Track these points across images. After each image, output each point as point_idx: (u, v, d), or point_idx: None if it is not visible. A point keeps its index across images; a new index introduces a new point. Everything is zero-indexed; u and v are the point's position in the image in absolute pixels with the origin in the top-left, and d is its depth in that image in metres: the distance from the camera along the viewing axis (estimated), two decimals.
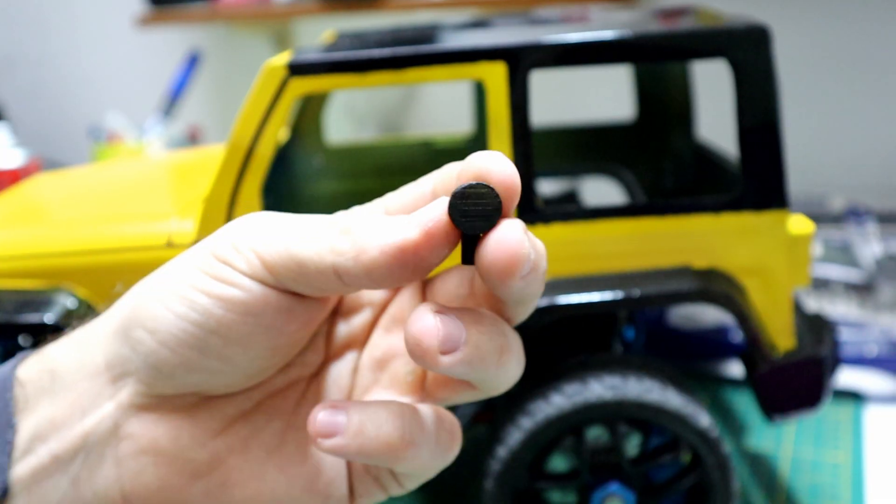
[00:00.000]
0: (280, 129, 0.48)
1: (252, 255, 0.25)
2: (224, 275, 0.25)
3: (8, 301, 0.49)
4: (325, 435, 0.24)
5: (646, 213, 0.47)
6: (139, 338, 0.25)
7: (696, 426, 0.47)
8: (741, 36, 0.46)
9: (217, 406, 0.27)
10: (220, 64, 1.51)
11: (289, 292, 0.25)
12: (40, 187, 0.65)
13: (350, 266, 0.24)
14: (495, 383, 0.26)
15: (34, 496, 0.26)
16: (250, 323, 0.25)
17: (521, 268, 0.22)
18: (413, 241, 0.23)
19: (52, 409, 0.26)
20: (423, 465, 0.26)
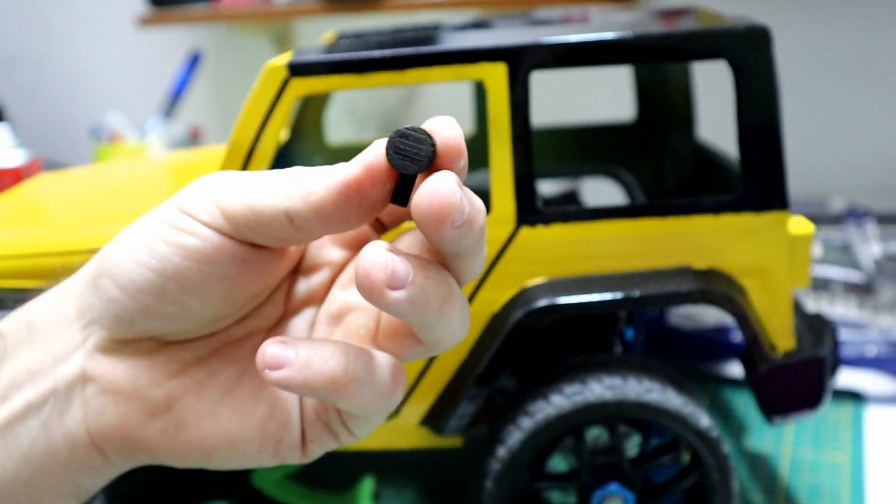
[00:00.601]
0: (281, 129, 0.48)
1: (213, 205, 0.26)
2: (184, 224, 0.26)
3: (9, 300, 0.49)
4: (272, 367, 0.25)
5: (646, 214, 0.47)
6: (103, 285, 0.27)
7: (695, 426, 0.47)
8: (741, 36, 0.46)
9: (174, 351, 0.29)
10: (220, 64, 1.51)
11: (246, 243, 0.27)
12: (41, 187, 0.65)
13: (300, 208, 0.25)
14: (438, 333, 0.27)
15: (7, 440, 0.28)
16: (206, 271, 0.26)
17: (452, 217, 0.23)
18: (355, 175, 0.25)
19: (28, 359, 0.29)
20: (366, 404, 0.27)
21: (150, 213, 0.28)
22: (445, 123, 0.25)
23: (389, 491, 0.60)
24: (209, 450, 0.28)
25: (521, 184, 0.47)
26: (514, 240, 0.48)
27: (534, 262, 0.48)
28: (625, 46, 0.46)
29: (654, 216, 0.47)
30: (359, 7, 1.13)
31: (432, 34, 0.55)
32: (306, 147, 0.71)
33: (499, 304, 0.49)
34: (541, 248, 0.48)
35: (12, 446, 0.28)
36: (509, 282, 0.48)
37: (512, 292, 0.48)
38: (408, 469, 0.63)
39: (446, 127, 0.25)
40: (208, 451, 0.28)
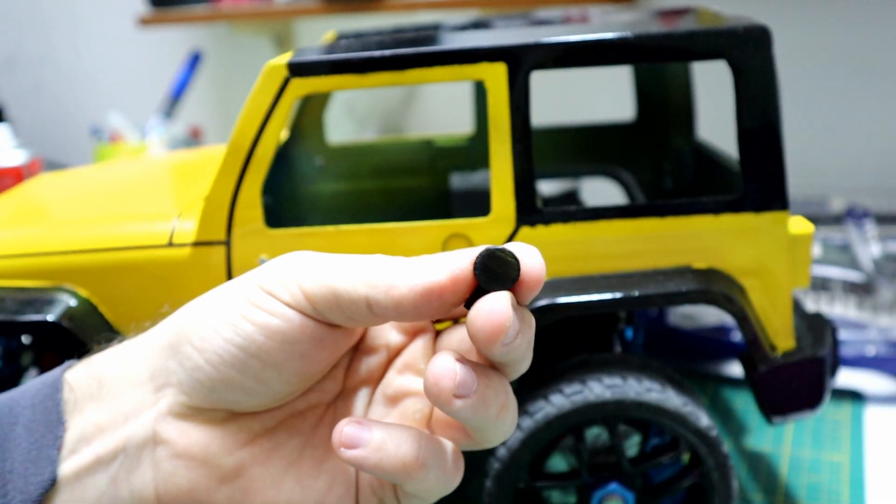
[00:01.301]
0: (281, 129, 0.48)
1: (295, 286, 0.28)
2: (268, 305, 0.28)
3: (10, 300, 0.49)
4: (348, 445, 0.27)
5: (646, 214, 0.47)
6: (187, 353, 0.28)
7: (695, 426, 0.47)
8: (741, 37, 0.46)
9: (245, 421, 0.30)
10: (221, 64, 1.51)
11: (323, 323, 0.28)
12: (42, 187, 0.65)
13: (381, 298, 0.27)
14: (490, 435, 0.29)
15: (76, 493, 0.29)
16: (287, 350, 0.28)
17: (504, 336, 0.25)
18: (440, 283, 0.26)
19: (97, 414, 0.30)
20: (429, 488, 0.28)
21: (229, 286, 0.29)
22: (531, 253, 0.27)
23: None
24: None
25: (520, 184, 0.47)
26: (514, 240, 0.48)
27: None
28: (625, 46, 0.46)
29: (654, 216, 0.47)
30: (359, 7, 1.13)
31: (432, 34, 0.55)
32: (306, 147, 0.71)
33: None
34: (541, 248, 0.47)
35: (79, 499, 0.29)
36: None
37: None
38: None
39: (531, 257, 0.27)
40: None
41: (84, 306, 0.50)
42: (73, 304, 0.49)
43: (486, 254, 0.26)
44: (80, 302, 0.50)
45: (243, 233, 0.49)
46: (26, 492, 0.29)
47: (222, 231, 0.49)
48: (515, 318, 0.26)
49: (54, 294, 0.50)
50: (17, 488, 0.29)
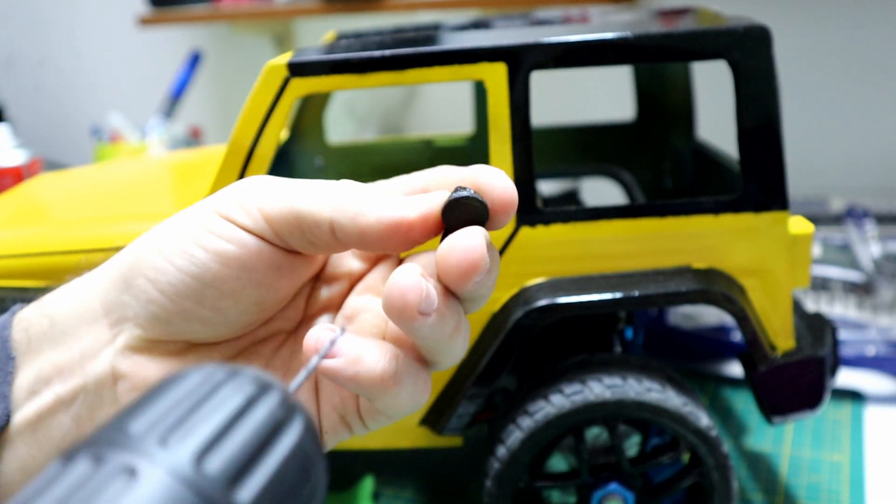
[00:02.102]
0: (281, 129, 0.48)
1: (255, 209, 0.27)
2: (224, 231, 0.27)
3: (10, 300, 0.49)
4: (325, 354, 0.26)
5: (646, 214, 0.47)
6: (141, 286, 0.27)
7: (695, 426, 0.47)
8: (741, 36, 0.46)
9: (203, 351, 0.29)
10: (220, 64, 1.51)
11: (282, 249, 0.28)
12: (42, 187, 0.65)
13: (346, 224, 0.26)
14: (442, 357, 0.28)
15: (39, 433, 0.29)
16: (244, 278, 0.27)
17: (477, 275, 0.25)
18: (409, 219, 0.26)
19: (54, 354, 0.29)
20: (400, 405, 0.28)
21: (184, 214, 0.28)
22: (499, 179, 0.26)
23: (389, 491, 0.60)
24: None
25: (521, 184, 0.47)
26: (514, 240, 0.48)
27: (534, 262, 0.48)
28: (625, 46, 0.46)
29: (654, 216, 0.47)
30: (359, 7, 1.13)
31: (432, 34, 0.55)
32: (306, 147, 0.71)
33: (499, 304, 0.49)
34: (541, 248, 0.48)
35: (43, 440, 0.29)
36: (509, 282, 0.48)
37: (512, 292, 0.48)
38: (408, 469, 0.63)
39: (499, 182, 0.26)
40: None
41: None
42: None
43: (453, 201, 0.26)
44: None
45: None
46: None
47: None
48: (488, 256, 0.25)
49: None
50: None
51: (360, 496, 0.58)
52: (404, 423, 0.52)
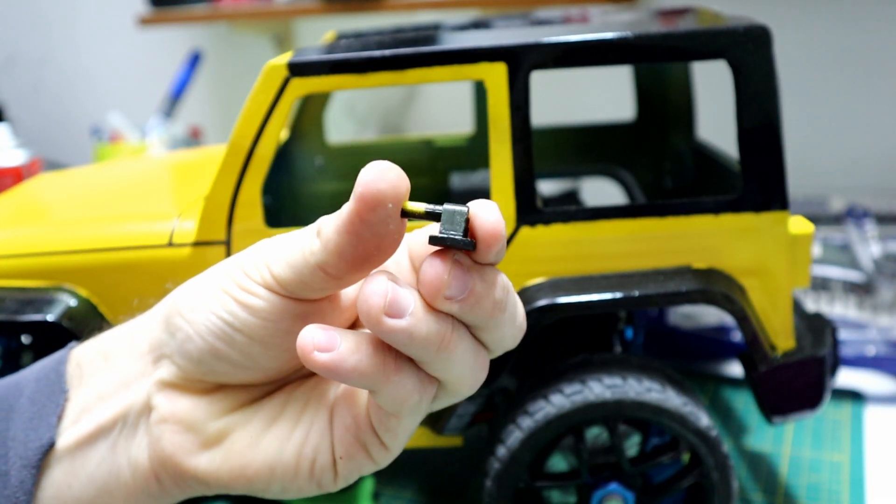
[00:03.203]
0: (281, 128, 0.48)
1: (265, 269, 0.28)
2: (246, 285, 0.28)
3: (10, 300, 0.49)
4: (322, 348, 0.26)
5: (646, 214, 0.47)
6: (177, 324, 0.29)
7: (695, 426, 0.47)
8: (741, 36, 0.46)
9: (234, 392, 0.31)
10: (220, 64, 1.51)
11: (301, 300, 0.28)
12: (42, 187, 0.65)
13: (323, 256, 0.27)
14: (439, 372, 0.27)
15: (77, 461, 0.31)
16: (270, 327, 0.28)
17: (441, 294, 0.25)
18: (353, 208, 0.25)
19: (100, 385, 0.31)
20: (405, 397, 0.27)
21: (221, 264, 0.30)
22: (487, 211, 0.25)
23: (389, 491, 0.60)
24: (250, 477, 0.30)
25: (521, 183, 0.47)
26: (514, 240, 0.48)
27: (534, 262, 0.48)
28: (625, 46, 0.46)
29: (654, 216, 0.47)
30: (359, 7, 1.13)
31: (432, 34, 0.55)
32: (306, 147, 0.71)
33: None
34: (541, 248, 0.48)
35: (79, 467, 0.31)
36: None
37: None
38: (408, 469, 0.63)
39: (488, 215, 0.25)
40: (250, 479, 0.30)
41: (84, 306, 0.50)
42: (73, 304, 0.49)
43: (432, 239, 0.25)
44: (80, 302, 0.50)
45: (243, 232, 0.49)
46: (25, 457, 0.30)
47: (222, 231, 0.49)
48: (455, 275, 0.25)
49: (54, 294, 0.50)
50: (18, 454, 0.30)
51: (360, 496, 0.58)
52: None
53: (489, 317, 0.27)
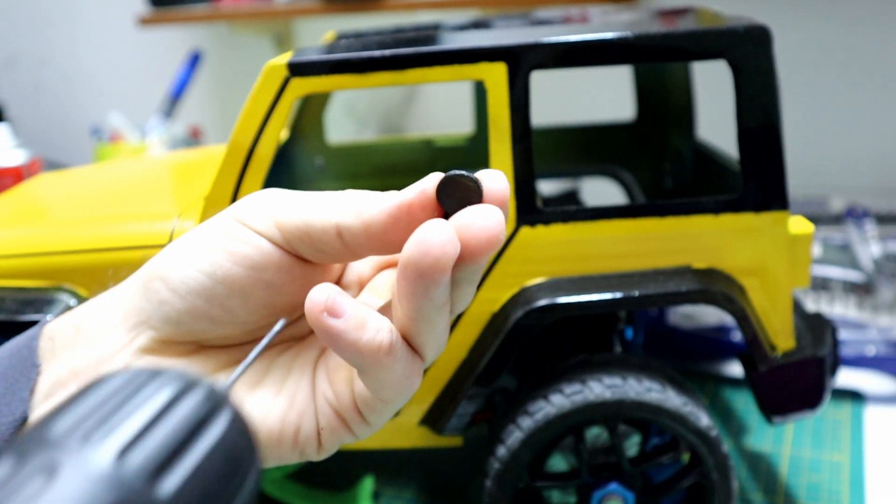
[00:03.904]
0: (281, 128, 0.48)
1: (269, 218, 0.28)
2: (238, 233, 0.29)
3: (10, 300, 0.49)
4: (332, 313, 0.26)
5: (646, 214, 0.47)
6: (155, 287, 0.29)
7: (695, 426, 0.47)
8: (741, 36, 0.46)
9: (213, 354, 0.30)
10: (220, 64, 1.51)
11: (294, 255, 0.29)
12: (42, 187, 0.65)
13: (351, 221, 0.27)
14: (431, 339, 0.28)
15: None
16: (253, 276, 0.28)
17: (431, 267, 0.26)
18: (408, 200, 0.27)
19: (73, 359, 0.30)
20: (394, 381, 0.28)
21: (206, 224, 0.30)
22: (495, 177, 0.27)
23: (389, 491, 0.60)
24: None
25: (521, 183, 0.47)
26: (514, 239, 0.48)
27: (534, 262, 0.48)
28: (625, 46, 0.46)
29: (654, 216, 0.47)
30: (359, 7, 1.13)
31: (432, 34, 0.55)
32: (306, 147, 0.71)
33: (499, 304, 0.49)
34: (541, 248, 0.48)
35: None
36: (509, 282, 0.48)
37: (512, 292, 0.48)
38: (408, 469, 0.63)
39: (495, 180, 0.27)
40: None
41: None
42: (73, 304, 0.49)
43: (447, 178, 0.27)
44: (80, 302, 0.50)
45: None
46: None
47: None
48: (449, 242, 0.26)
49: (54, 294, 0.50)
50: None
51: (360, 496, 0.58)
52: (404, 422, 0.52)
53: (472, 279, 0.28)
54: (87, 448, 0.18)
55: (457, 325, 0.49)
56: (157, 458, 0.18)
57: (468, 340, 0.50)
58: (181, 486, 0.18)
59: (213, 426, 0.20)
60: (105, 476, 0.17)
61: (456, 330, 0.49)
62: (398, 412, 0.51)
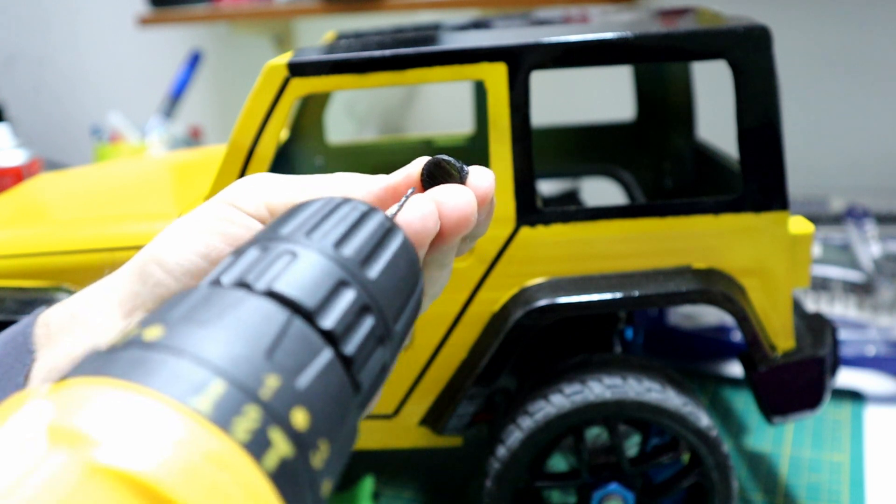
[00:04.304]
0: (281, 128, 0.48)
1: (261, 201, 0.29)
2: (230, 215, 0.29)
3: (10, 300, 0.49)
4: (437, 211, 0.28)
5: (646, 214, 0.47)
6: (150, 271, 0.29)
7: (695, 426, 0.47)
8: (742, 36, 0.46)
9: None
10: (220, 64, 1.51)
11: None
12: (42, 187, 0.65)
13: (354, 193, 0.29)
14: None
15: None
16: None
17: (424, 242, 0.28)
18: (394, 183, 0.29)
19: (70, 347, 0.31)
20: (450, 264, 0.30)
21: (200, 208, 0.31)
22: (481, 171, 0.29)
23: (389, 491, 0.60)
24: None
25: (521, 183, 0.47)
26: (514, 240, 0.48)
27: (534, 262, 0.48)
28: (625, 46, 0.46)
29: (654, 216, 0.47)
30: (359, 7, 1.13)
31: (432, 34, 0.55)
32: (306, 147, 0.71)
33: (499, 304, 0.49)
34: (541, 248, 0.48)
35: None
36: (509, 282, 0.48)
37: (512, 292, 0.48)
38: (408, 469, 0.63)
39: (480, 173, 0.29)
40: None
41: None
42: None
43: (432, 162, 0.29)
44: None
45: None
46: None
47: None
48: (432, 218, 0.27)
49: (54, 294, 0.50)
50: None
51: (360, 496, 0.58)
52: (404, 423, 0.52)
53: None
54: (312, 240, 0.23)
55: (457, 326, 0.49)
56: (363, 251, 0.24)
57: (468, 340, 0.49)
58: (381, 272, 0.24)
59: (396, 236, 0.25)
60: (332, 256, 0.23)
61: (456, 330, 0.49)
62: (398, 412, 0.51)
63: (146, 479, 0.15)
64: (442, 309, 0.49)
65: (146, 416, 0.16)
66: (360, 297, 0.22)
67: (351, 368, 0.22)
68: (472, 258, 0.48)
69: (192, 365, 0.18)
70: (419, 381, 0.51)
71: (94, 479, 0.15)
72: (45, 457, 0.15)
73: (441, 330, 0.49)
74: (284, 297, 0.21)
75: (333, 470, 0.21)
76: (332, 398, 0.20)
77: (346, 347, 0.21)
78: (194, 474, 0.16)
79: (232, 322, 0.20)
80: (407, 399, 0.51)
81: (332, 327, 0.21)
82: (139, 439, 0.16)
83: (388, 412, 0.52)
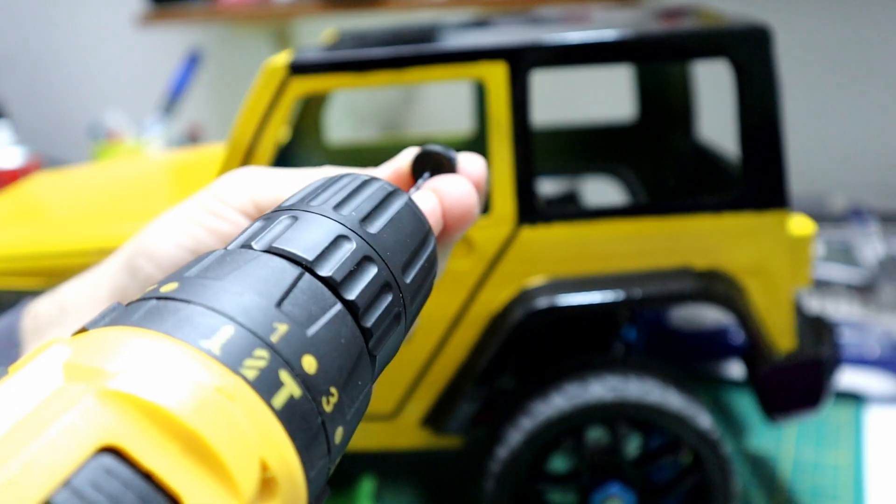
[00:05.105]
0: (280, 128, 0.48)
1: (246, 195, 0.29)
2: (219, 210, 0.29)
3: (8, 300, 0.49)
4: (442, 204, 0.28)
5: (646, 214, 0.47)
6: (138, 264, 0.29)
7: (696, 427, 0.47)
8: (742, 36, 0.46)
9: None
10: (220, 63, 1.51)
11: None
12: (40, 186, 0.65)
13: None
14: None
15: None
16: None
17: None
18: (383, 176, 0.29)
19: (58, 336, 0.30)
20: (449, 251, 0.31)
21: (187, 201, 0.31)
22: (472, 158, 0.29)
23: (389, 491, 0.60)
24: None
25: (521, 183, 0.47)
26: (514, 239, 0.48)
27: (534, 262, 0.48)
28: (625, 46, 0.46)
29: (655, 216, 0.47)
30: (359, 6, 1.13)
31: (432, 33, 0.55)
32: (306, 147, 0.71)
33: (499, 304, 0.48)
34: (541, 248, 0.48)
35: None
36: (509, 282, 0.48)
37: (512, 292, 0.48)
38: (408, 469, 0.62)
39: (471, 160, 0.29)
40: None
41: None
42: None
43: (422, 153, 0.29)
44: None
45: None
46: None
47: None
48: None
49: None
50: None
51: (360, 496, 0.58)
52: (404, 423, 0.52)
53: None
54: (311, 206, 0.25)
55: (457, 326, 0.49)
56: (363, 211, 0.25)
57: (468, 341, 0.49)
58: (382, 229, 0.25)
59: (398, 198, 0.26)
60: (332, 216, 0.24)
61: (456, 330, 0.49)
62: (398, 413, 0.51)
63: (157, 403, 0.16)
64: (442, 309, 0.49)
65: (158, 355, 0.17)
66: (361, 248, 0.24)
67: (357, 315, 0.23)
68: (473, 258, 0.48)
69: (204, 311, 0.19)
70: (419, 382, 0.51)
71: (107, 402, 0.16)
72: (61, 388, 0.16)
73: (441, 330, 0.49)
74: (283, 252, 0.22)
75: (345, 417, 0.21)
76: (342, 347, 0.21)
77: (349, 294, 0.22)
78: (204, 402, 0.17)
79: (243, 276, 0.21)
80: (407, 399, 0.51)
81: (330, 274, 0.22)
82: (151, 373, 0.17)
83: (388, 413, 0.51)
